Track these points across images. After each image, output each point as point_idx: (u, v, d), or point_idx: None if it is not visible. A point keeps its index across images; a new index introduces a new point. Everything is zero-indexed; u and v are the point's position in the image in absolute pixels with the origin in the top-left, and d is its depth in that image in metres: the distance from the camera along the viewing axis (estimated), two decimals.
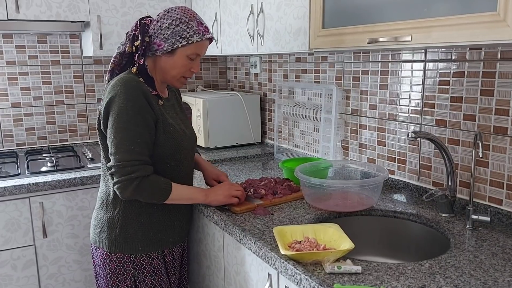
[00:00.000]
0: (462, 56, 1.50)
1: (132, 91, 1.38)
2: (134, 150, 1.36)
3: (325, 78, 2.12)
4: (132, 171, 1.35)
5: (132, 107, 1.36)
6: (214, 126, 2.48)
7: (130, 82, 1.39)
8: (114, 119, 1.36)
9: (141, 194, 1.38)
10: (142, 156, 1.38)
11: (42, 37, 2.57)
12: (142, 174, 1.36)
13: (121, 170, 1.35)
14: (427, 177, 1.67)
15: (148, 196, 1.40)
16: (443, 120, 1.59)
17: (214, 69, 3.05)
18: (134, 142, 1.36)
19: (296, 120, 2.32)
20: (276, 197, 1.63)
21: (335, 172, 1.84)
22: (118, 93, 1.37)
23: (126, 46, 1.47)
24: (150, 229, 1.49)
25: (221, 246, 1.56)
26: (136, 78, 1.43)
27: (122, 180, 1.35)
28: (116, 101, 1.37)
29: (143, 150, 1.38)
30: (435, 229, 1.43)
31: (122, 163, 1.34)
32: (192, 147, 1.61)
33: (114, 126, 1.36)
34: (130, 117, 1.36)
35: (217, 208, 1.56)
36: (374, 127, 1.88)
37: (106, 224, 1.48)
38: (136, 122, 1.37)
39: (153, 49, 1.45)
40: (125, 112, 1.36)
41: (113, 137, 1.37)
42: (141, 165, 1.37)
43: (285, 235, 1.29)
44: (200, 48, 1.47)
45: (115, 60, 1.49)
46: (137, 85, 1.40)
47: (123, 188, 1.36)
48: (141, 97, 1.38)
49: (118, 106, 1.36)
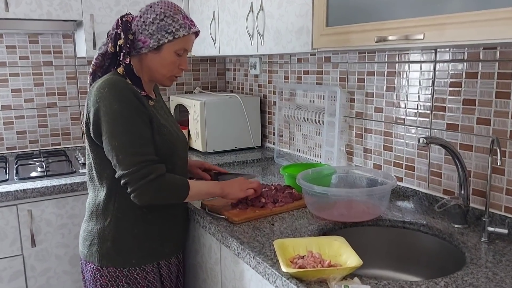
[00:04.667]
0: (475, 56, 1.41)
1: (123, 92, 1.30)
2: (140, 152, 1.28)
3: (328, 80, 2.03)
4: (149, 173, 1.27)
5: (126, 108, 1.28)
6: (212, 129, 2.38)
7: (118, 83, 1.31)
8: (109, 124, 1.28)
9: (161, 195, 1.31)
10: (151, 155, 1.30)
11: (33, 37, 2.47)
12: (159, 173, 1.28)
13: (136, 175, 1.26)
14: (437, 185, 1.57)
15: (169, 196, 1.33)
16: (455, 124, 1.49)
17: (212, 70, 2.95)
18: (138, 144, 1.28)
19: (298, 123, 2.22)
20: (277, 205, 1.53)
21: (339, 178, 1.74)
22: (108, 96, 1.29)
23: (108, 46, 1.38)
24: (145, 240, 1.40)
25: (218, 259, 1.46)
26: (123, 79, 1.34)
27: (142, 185, 1.26)
28: (107, 105, 1.28)
29: (150, 149, 1.31)
30: (448, 242, 1.33)
31: (135, 167, 1.26)
32: (185, 150, 1.54)
33: (111, 132, 1.28)
34: (126, 119, 1.28)
35: (214, 218, 1.47)
36: (380, 131, 1.78)
37: (96, 236, 1.39)
38: (134, 123, 1.29)
39: (137, 47, 1.36)
40: (120, 115, 1.27)
41: (114, 144, 1.28)
42: (153, 164, 1.29)
43: (286, 249, 1.19)
44: (187, 42, 1.39)
45: (96, 61, 1.41)
46: (126, 86, 1.32)
47: (143, 194, 1.27)
48: (133, 97, 1.31)
49: (111, 110, 1.28)
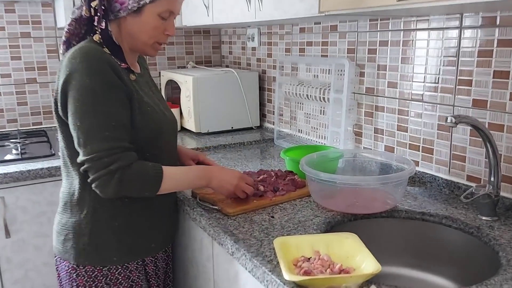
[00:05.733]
0: (509, 21, 1.20)
1: (97, 64, 1.11)
2: (109, 136, 1.10)
3: (334, 51, 1.81)
4: (111, 162, 1.09)
5: (100, 83, 1.10)
6: (206, 108, 2.17)
7: (93, 53, 1.12)
8: (78, 100, 1.09)
9: (127, 188, 1.12)
10: (121, 141, 1.12)
11: (9, 6, 2.24)
12: (124, 164, 1.10)
13: (96, 163, 1.09)
14: (460, 170, 1.38)
15: (137, 189, 1.15)
16: (483, 101, 1.29)
17: (207, 43, 2.71)
18: (108, 126, 1.10)
19: (300, 101, 2.02)
20: (277, 194, 1.35)
21: (346, 162, 1.55)
22: (78, 68, 1.10)
23: (82, 10, 1.18)
24: (128, 234, 1.22)
25: (210, 255, 1.28)
26: (100, 47, 1.15)
27: (101, 175, 1.09)
28: (77, 78, 1.09)
29: (121, 134, 1.12)
30: (476, 237, 1.15)
31: (97, 154, 1.08)
32: (174, 132, 1.35)
33: (78, 110, 1.10)
34: (98, 95, 1.10)
35: (205, 209, 1.28)
36: (394, 109, 1.57)
37: (71, 230, 1.21)
38: (106, 101, 1.10)
39: (115, 10, 1.16)
40: (91, 90, 1.09)
41: (80, 124, 1.10)
42: (121, 153, 1.11)
43: (289, 248, 1.00)
44: (173, 3, 1.19)
45: (70, 28, 1.20)
46: (102, 56, 1.13)
47: (104, 186, 1.10)
48: (109, 70, 1.12)
49: (81, 84, 1.09)
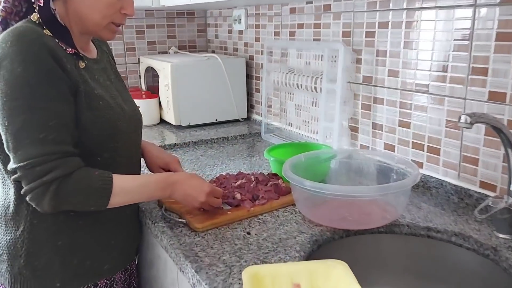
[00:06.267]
0: None
1: (31, 48, 0.92)
2: (45, 139, 0.91)
3: (328, 35, 1.59)
4: (46, 171, 0.90)
5: (35, 72, 0.91)
6: (186, 98, 1.96)
7: (27, 35, 0.93)
8: (6, 94, 0.91)
9: (66, 202, 0.94)
10: (61, 145, 0.92)
11: None
12: (62, 173, 0.91)
13: (29, 172, 0.90)
14: (472, 175, 1.17)
15: (80, 204, 0.96)
16: (501, 93, 1.08)
17: (191, 26, 2.48)
18: (45, 126, 0.91)
19: (290, 91, 1.81)
20: (256, 204, 1.15)
21: (339, 163, 1.35)
22: (8, 53, 0.91)
23: None
24: (73, 255, 1.03)
25: (175, 280, 1.08)
26: (38, 29, 0.96)
27: (34, 187, 0.90)
28: (7, 66, 0.91)
29: (62, 136, 0.93)
30: (492, 260, 0.95)
31: (29, 161, 0.90)
32: (135, 130, 1.15)
33: (7, 106, 0.91)
34: (32, 88, 0.91)
35: (170, 223, 1.08)
36: (395, 102, 1.36)
37: (5, 250, 1.02)
38: (43, 95, 0.92)
39: None
40: (23, 82, 0.90)
41: (8, 124, 0.91)
42: (60, 159, 0.91)
43: (261, 281, 0.81)
44: None
45: (6, 5, 1.02)
46: (38, 39, 0.93)
47: (38, 199, 0.92)
48: (47, 57, 0.92)
49: (10, 74, 0.90)
